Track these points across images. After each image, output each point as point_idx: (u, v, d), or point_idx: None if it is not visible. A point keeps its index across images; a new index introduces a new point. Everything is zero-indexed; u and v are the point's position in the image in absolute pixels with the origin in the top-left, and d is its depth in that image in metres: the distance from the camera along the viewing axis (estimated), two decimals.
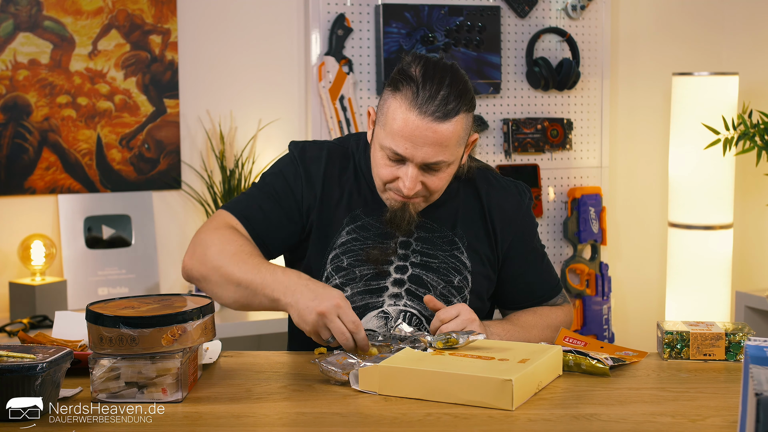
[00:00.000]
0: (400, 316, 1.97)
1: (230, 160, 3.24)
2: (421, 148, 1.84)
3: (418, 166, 1.87)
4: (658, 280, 3.81)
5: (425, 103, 1.82)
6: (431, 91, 1.83)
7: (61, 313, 1.95)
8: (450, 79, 1.85)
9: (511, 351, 1.69)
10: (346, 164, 2.03)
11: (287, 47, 3.39)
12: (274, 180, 2.03)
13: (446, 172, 1.91)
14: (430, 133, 1.83)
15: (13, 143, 3.07)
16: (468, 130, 1.91)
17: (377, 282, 1.97)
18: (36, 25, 3.07)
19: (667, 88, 3.63)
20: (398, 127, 1.84)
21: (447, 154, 1.87)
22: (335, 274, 1.98)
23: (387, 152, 1.88)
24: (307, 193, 2.00)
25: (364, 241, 1.98)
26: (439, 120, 1.83)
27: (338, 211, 2.00)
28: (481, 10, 3.42)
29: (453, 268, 2.00)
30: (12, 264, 3.07)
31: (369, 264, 1.97)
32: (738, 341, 1.84)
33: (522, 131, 3.52)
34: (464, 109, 1.86)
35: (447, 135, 1.84)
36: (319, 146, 2.05)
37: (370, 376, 1.60)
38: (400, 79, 1.86)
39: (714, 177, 3.39)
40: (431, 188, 1.92)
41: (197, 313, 1.61)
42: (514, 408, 1.51)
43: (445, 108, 1.82)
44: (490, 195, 2.05)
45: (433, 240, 2.00)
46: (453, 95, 1.83)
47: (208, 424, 1.49)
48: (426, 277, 1.98)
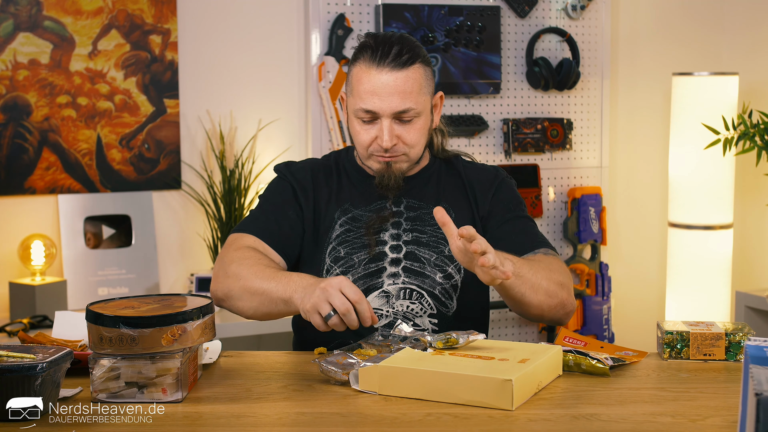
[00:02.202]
0: (401, 293, 2.04)
1: (230, 160, 3.24)
2: (387, 98, 2.01)
3: (390, 118, 2.02)
4: (658, 280, 3.81)
5: (381, 58, 2.01)
6: (385, 48, 2.02)
7: (61, 313, 1.95)
8: (400, 39, 2.05)
9: (511, 351, 1.69)
10: (329, 171, 2.18)
11: (287, 47, 3.39)
12: (272, 195, 2.17)
13: (418, 124, 2.05)
14: (392, 82, 2.00)
15: (13, 143, 3.07)
16: (429, 82, 2.08)
17: (375, 264, 2.07)
18: (36, 25, 3.07)
19: (667, 88, 3.63)
20: (363, 87, 2.02)
21: (412, 101, 2.02)
22: (334, 264, 2.07)
23: (360, 115, 2.04)
24: (302, 199, 2.13)
25: (357, 230, 2.10)
26: (397, 69, 2.00)
27: (329, 209, 2.12)
28: (481, 10, 3.42)
29: (442, 239, 2.09)
30: (12, 264, 3.07)
31: (366, 249, 2.07)
32: (738, 341, 1.84)
33: (522, 131, 3.52)
34: (419, 60, 2.04)
35: (408, 82, 2.01)
36: (302, 162, 2.22)
37: (370, 376, 1.60)
38: (358, 51, 2.06)
39: (714, 177, 3.39)
40: (407, 141, 2.05)
41: (197, 313, 1.61)
42: (514, 408, 1.52)
43: (400, 59, 2.01)
44: (467, 171, 2.19)
45: (422, 216, 2.11)
46: (405, 49, 2.02)
47: (208, 424, 1.49)
48: (419, 252, 2.08)
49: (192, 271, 3.29)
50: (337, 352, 1.74)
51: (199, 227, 3.32)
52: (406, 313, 2.04)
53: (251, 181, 3.28)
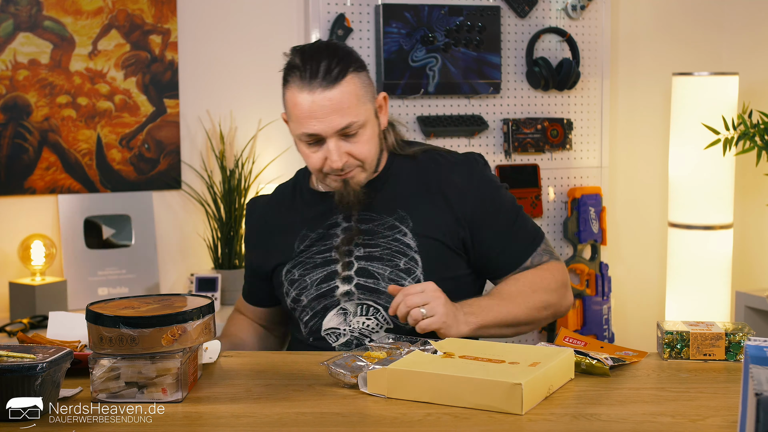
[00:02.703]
0: (358, 309, 2.00)
1: (230, 160, 3.24)
2: (325, 119, 1.93)
3: (335, 137, 1.95)
4: (658, 280, 3.81)
5: (311, 78, 1.92)
6: (312, 66, 1.93)
7: (55, 314, 1.93)
8: (327, 52, 1.95)
9: (522, 354, 1.67)
10: (287, 198, 2.18)
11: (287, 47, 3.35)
12: (245, 246, 2.32)
13: (365, 135, 1.98)
14: (327, 101, 1.92)
15: (13, 143, 3.07)
16: (367, 89, 1.99)
17: (327, 284, 2.03)
18: (36, 25, 3.07)
19: (667, 88, 3.63)
20: (300, 111, 1.94)
21: (352, 115, 1.94)
22: (291, 287, 2.07)
23: (304, 139, 1.98)
24: (258, 239, 2.19)
25: (308, 249, 2.06)
26: (329, 87, 1.92)
27: (288, 236, 2.11)
28: (481, 10, 3.42)
29: (398, 252, 2.01)
30: (12, 264, 3.07)
31: (318, 268, 2.05)
32: (738, 341, 1.84)
33: (522, 131, 3.52)
34: (351, 70, 1.95)
35: (343, 98, 1.93)
36: (266, 198, 2.26)
37: (379, 379, 1.60)
38: (287, 72, 1.98)
39: (714, 177, 3.39)
40: (358, 155, 1.99)
41: (197, 313, 1.61)
42: (524, 412, 1.51)
43: (330, 76, 1.92)
44: (440, 173, 2.08)
45: (374, 229, 2.03)
46: (334, 62, 1.93)
47: (208, 424, 1.49)
48: (371, 267, 2.01)
49: (192, 271, 3.29)
50: (346, 354, 1.73)
51: (199, 227, 3.32)
52: (362, 329, 2.00)
53: (251, 181, 3.28)
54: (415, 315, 1.84)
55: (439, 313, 1.84)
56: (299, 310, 2.06)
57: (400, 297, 1.86)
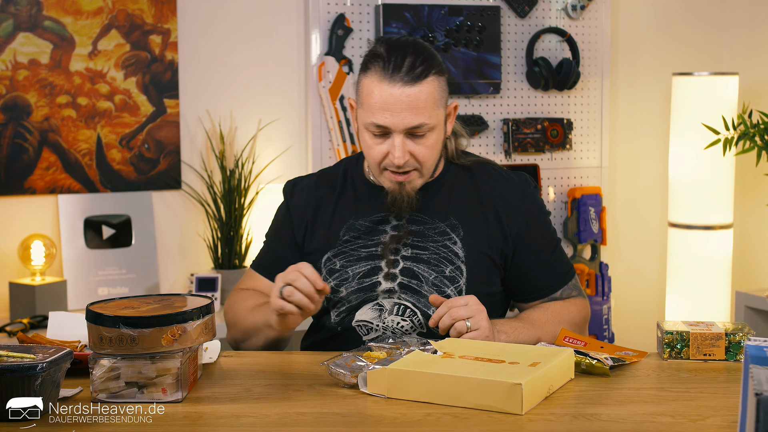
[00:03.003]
0: (395, 308, 2.00)
1: (230, 160, 3.24)
2: (399, 114, 1.92)
3: (402, 134, 1.94)
4: (658, 280, 3.81)
5: (394, 72, 1.91)
6: (397, 60, 1.92)
7: (55, 314, 1.93)
8: (413, 48, 1.94)
9: (523, 354, 1.67)
10: (334, 184, 2.14)
11: (287, 47, 3.39)
12: (271, 228, 2.21)
13: (431, 139, 1.97)
14: (404, 97, 1.91)
15: (13, 143, 3.07)
16: (443, 94, 1.99)
17: (370, 278, 2.02)
18: (36, 25, 3.07)
19: (667, 88, 3.63)
20: (374, 101, 1.93)
21: (425, 116, 1.93)
22: (329, 276, 2.04)
23: (371, 129, 1.96)
24: (298, 226, 2.12)
25: (353, 240, 2.05)
26: (410, 84, 1.91)
27: (333, 223, 2.08)
28: (481, 10, 3.42)
29: (445, 259, 2.02)
30: (12, 264, 3.07)
31: (362, 262, 2.03)
32: (738, 341, 1.84)
33: (522, 131, 3.52)
34: (433, 72, 1.94)
35: (420, 97, 1.92)
36: (309, 177, 2.20)
37: (379, 379, 1.60)
38: (369, 59, 1.97)
39: (714, 177, 3.39)
40: (420, 158, 1.97)
41: (197, 313, 1.61)
42: (524, 412, 1.51)
43: (413, 72, 1.91)
44: (493, 186, 2.09)
45: (425, 232, 2.04)
46: (419, 61, 1.92)
47: (208, 424, 1.49)
48: (417, 269, 2.01)
49: (192, 271, 3.29)
50: (346, 354, 1.73)
51: (199, 227, 3.32)
52: (395, 329, 2.00)
53: (251, 181, 3.28)
54: (459, 327, 1.83)
55: (483, 327, 1.84)
56: (335, 300, 2.04)
57: (444, 308, 1.85)
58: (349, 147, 3.29)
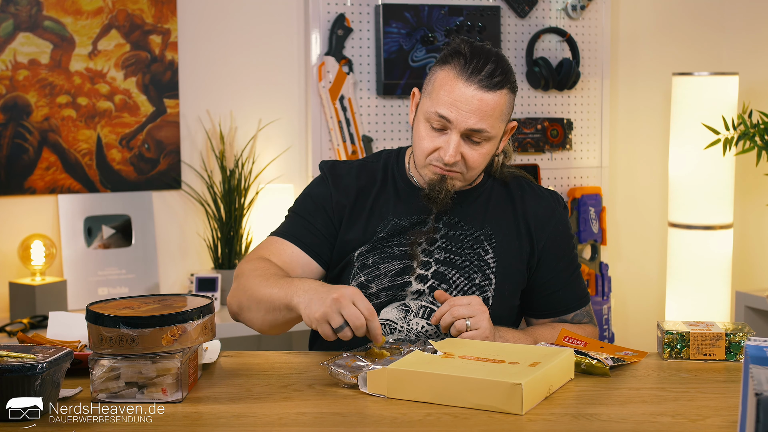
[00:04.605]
0: (420, 311, 1.99)
1: (230, 160, 3.24)
2: (465, 113, 1.92)
3: (460, 134, 1.94)
4: (658, 280, 3.82)
5: (473, 73, 1.92)
6: (479, 62, 1.92)
7: (55, 314, 1.93)
8: (496, 57, 1.95)
9: (523, 354, 1.67)
10: (374, 177, 2.10)
11: (287, 47, 3.39)
12: (304, 201, 2.11)
13: (485, 148, 1.97)
14: (476, 100, 1.92)
15: (13, 143, 3.07)
16: (509, 110, 1.99)
17: (402, 278, 2.01)
18: (36, 25, 3.07)
19: (667, 88, 3.63)
20: (446, 93, 1.93)
21: (488, 124, 1.93)
22: (360, 272, 2.02)
23: (432, 119, 1.95)
24: (337, 207, 2.06)
25: (389, 238, 2.03)
26: (485, 89, 1.92)
27: (371, 217, 2.05)
28: (481, 10, 3.42)
29: (476, 266, 2.02)
30: (12, 264, 3.07)
31: (395, 260, 2.01)
32: (738, 341, 1.84)
33: (522, 131, 3.52)
34: (508, 86, 1.95)
35: (491, 105, 1.92)
36: (348, 164, 2.14)
37: (379, 379, 1.60)
38: (450, 54, 1.96)
39: (714, 177, 3.39)
40: (469, 162, 1.97)
41: (197, 313, 1.61)
42: (524, 412, 1.51)
43: (490, 80, 1.92)
44: (525, 199, 2.10)
45: (459, 237, 2.03)
46: (499, 70, 1.93)
47: (208, 424, 1.49)
48: (448, 274, 2.01)
49: (192, 271, 3.29)
50: (346, 354, 1.73)
51: (199, 227, 3.32)
52: (419, 332, 1.98)
53: (251, 181, 3.28)
54: (459, 326, 1.83)
55: (483, 327, 1.84)
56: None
57: (446, 307, 1.86)
58: (349, 147, 3.29)
